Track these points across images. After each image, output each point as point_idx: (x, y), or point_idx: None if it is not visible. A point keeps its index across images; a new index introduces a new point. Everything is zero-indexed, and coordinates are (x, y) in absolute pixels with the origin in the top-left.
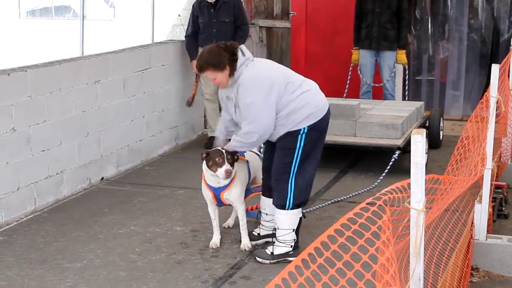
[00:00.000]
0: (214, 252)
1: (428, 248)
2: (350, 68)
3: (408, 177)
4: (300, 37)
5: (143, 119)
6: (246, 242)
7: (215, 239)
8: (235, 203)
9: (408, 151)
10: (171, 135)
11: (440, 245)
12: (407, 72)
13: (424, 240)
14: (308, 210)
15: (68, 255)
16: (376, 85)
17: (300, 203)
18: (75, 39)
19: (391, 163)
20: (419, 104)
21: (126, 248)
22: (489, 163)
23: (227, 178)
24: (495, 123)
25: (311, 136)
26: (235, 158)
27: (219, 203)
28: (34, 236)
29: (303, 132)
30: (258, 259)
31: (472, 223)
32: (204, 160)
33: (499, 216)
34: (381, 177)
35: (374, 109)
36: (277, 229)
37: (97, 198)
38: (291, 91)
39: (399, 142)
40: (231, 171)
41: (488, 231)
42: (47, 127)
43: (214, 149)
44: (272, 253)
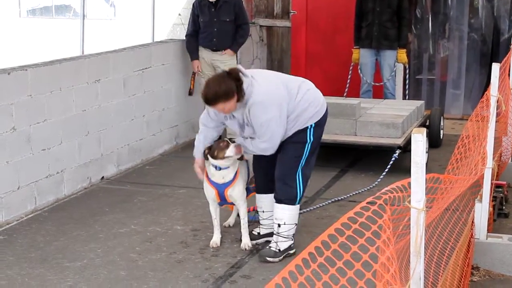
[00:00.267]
0: (214, 251)
1: (428, 247)
2: (351, 67)
3: (409, 176)
4: (301, 36)
5: (143, 118)
6: (246, 241)
7: (216, 238)
8: (238, 201)
9: (408, 150)
10: (171, 134)
11: (440, 244)
12: (407, 71)
13: (425, 239)
14: (308, 209)
15: (68, 254)
16: (377, 84)
17: (302, 197)
18: (75, 38)
19: (391, 162)
20: (420, 103)
21: (126, 247)
22: (489, 162)
23: (238, 154)
24: (496, 122)
25: (316, 131)
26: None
27: (222, 201)
28: (35, 235)
29: (311, 127)
30: (268, 258)
31: (472, 222)
32: (207, 155)
33: (500, 215)
34: (381, 176)
35: (374, 108)
36: (281, 224)
37: (97, 197)
38: (293, 97)
39: (400, 141)
40: (241, 147)
41: (488, 230)
42: (48, 126)
43: (215, 141)
44: (279, 250)
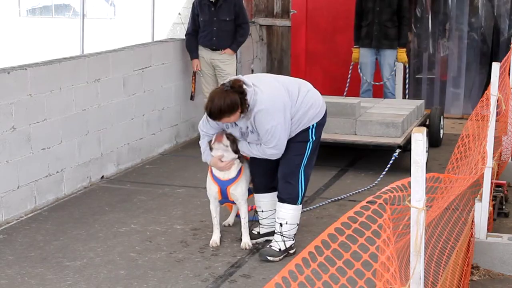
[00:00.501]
0: (214, 251)
1: (428, 246)
2: (351, 67)
3: (409, 175)
4: (301, 35)
5: (143, 117)
6: (246, 241)
7: (215, 238)
8: (239, 200)
9: (408, 150)
10: (171, 134)
11: (440, 243)
12: (407, 70)
13: (425, 238)
14: (308, 208)
15: (68, 254)
16: (377, 83)
17: (304, 196)
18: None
19: (391, 162)
20: (420, 102)
21: (126, 247)
22: (489, 162)
23: (219, 142)
24: (496, 121)
25: (318, 130)
26: (236, 142)
27: (223, 199)
28: (34, 235)
29: (313, 127)
30: (268, 257)
31: (472, 221)
32: (211, 147)
33: (500, 214)
34: (381, 175)
35: (374, 107)
36: (284, 224)
37: (97, 197)
38: (295, 100)
39: (400, 141)
40: (227, 140)
41: (488, 230)
42: (47, 125)
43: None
44: (280, 249)
